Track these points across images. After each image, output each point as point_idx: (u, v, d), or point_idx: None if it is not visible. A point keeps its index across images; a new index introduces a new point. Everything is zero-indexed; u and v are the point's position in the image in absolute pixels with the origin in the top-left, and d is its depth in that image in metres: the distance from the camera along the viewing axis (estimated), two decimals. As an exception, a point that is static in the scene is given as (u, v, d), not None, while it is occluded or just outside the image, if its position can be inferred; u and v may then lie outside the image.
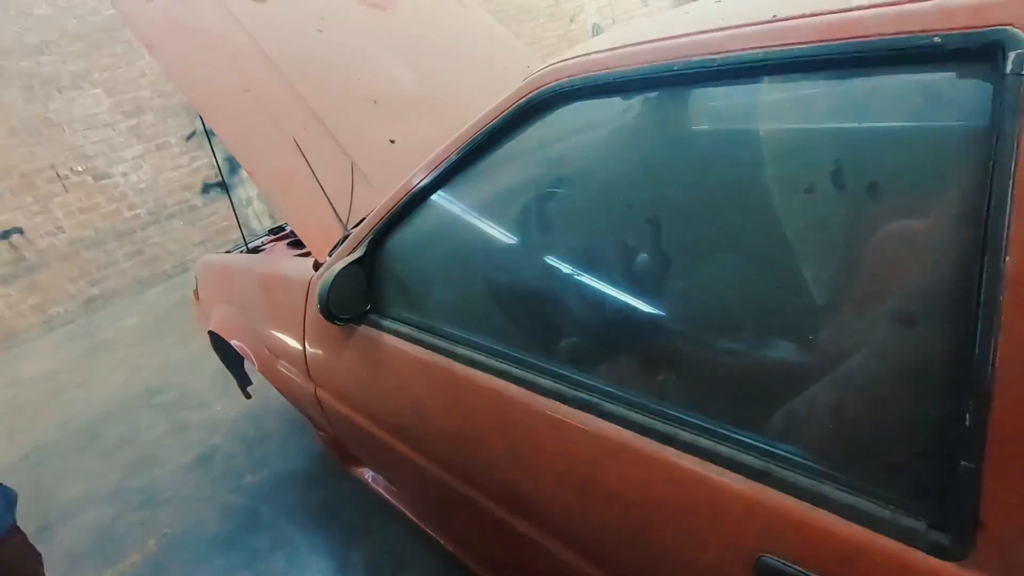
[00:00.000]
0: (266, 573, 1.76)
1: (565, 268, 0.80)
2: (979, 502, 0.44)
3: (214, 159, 5.30)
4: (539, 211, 0.86)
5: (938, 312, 0.48)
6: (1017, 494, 0.43)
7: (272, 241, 2.13)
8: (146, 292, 5.08)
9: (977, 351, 0.43)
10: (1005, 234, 0.42)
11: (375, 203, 1.38)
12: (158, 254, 5.29)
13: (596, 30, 9.01)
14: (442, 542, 1.24)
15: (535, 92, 0.75)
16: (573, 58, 0.73)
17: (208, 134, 5.38)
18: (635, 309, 0.74)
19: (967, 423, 0.44)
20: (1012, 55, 0.42)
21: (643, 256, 0.73)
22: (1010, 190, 0.41)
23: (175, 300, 4.70)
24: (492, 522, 0.90)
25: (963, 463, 0.44)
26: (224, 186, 5.57)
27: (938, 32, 0.46)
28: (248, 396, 2.17)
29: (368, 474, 1.48)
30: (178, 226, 5.37)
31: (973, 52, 0.45)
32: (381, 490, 1.45)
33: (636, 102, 0.68)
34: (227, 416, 2.72)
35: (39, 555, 1.14)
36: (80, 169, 4.79)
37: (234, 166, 5.58)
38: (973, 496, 0.44)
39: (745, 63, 0.56)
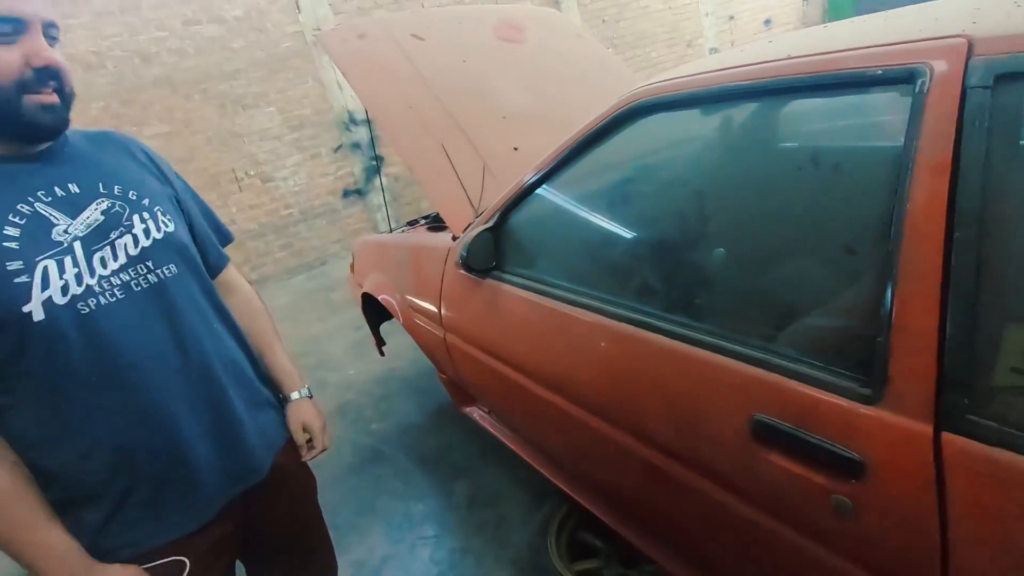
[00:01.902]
0: (387, 492, 2.18)
1: (638, 233, 1.11)
2: (887, 366, 0.69)
3: (375, 160, 6.08)
4: (622, 195, 1.18)
5: (868, 248, 0.73)
6: (911, 360, 0.67)
7: (411, 229, 2.60)
8: (292, 279, 5.95)
9: (887, 271, 0.69)
10: (906, 193, 0.67)
11: (500, 194, 1.76)
12: (304, 248, 6.16)
13: (714, 54, 9.05)
14: (539, 468, 1.56)
15: (626, 107, 1.07)
16: (655, 83, 1.04)
17: (353, 147, 6.21)
18: (676, 259, 1.03)
19: (881, 316, 0.69)
20: (919, 81, 0.68)
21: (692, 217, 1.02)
22: (911, 159, 0.67)
23: (315, 287, 5.48)
24: (580, 428, 1.20)
25: (878, 340, 0.70)
26: (361, 193, 6.39)
27: (881, 67, 0.73)
28: (382, 354, 2.63)
29: (477, 412, 1.84)
30: (322, 225, 6.23)
31: (901, 78, 0.71)
32: (487, 426, 1.80)
33: (702, 115, 0.98)
34: (358, 378, 3.24)
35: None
36: (252, 173, 5.76)
37: (370, 175, 6.38)
38: (884, 362, 0.69)
39: (765, 88, 0.84)
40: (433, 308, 1.68)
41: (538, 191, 1.28)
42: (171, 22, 5.16)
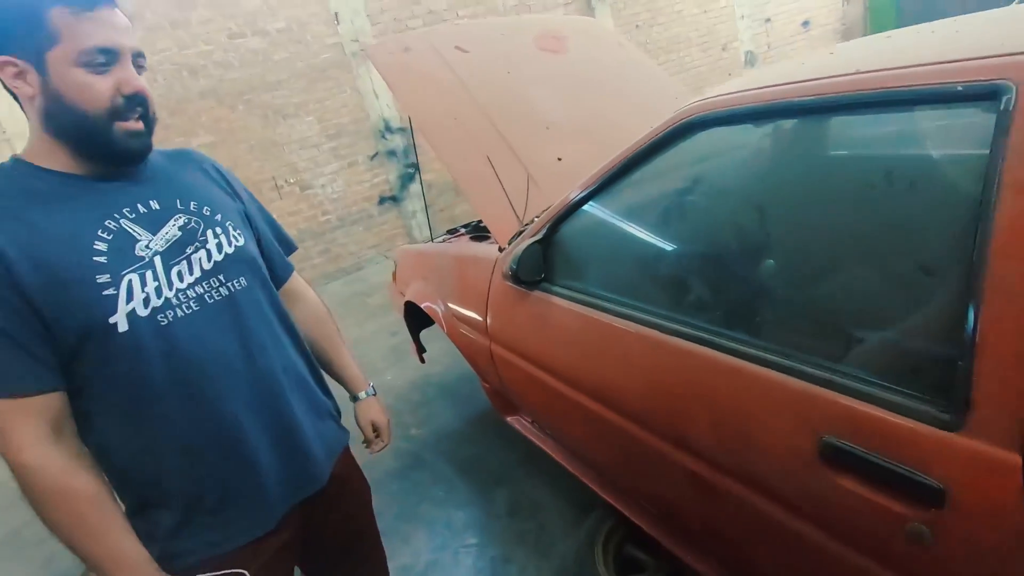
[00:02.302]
0: (428, 498, 2.20)
1: (691, 248, 1.10)
2: (971, 392, 0.67)
3: (414, 168, 6.17)
4: (677, 208, 1.17)
5: (947, 266, 0.71)
6: (997, 385, 0.65)
7: (451, 239, 2.64)
8: (330, 284, 6.07)
9: (971, 292, 0.66)
10: (992, 212, 0.65)
11: (544, 205, 1.77)
12: (340, 253, 6.29)
13: (749, 58, 8.91)
14: (582, 478, 1.55)
15: (682, 121, 1.06)
16: (713, 97, 1.04)
17: (389, 155, 6.31)
18: (736, 273, 1.01)
19: (964, 339, 0.67)
20: (1004, 98, 0.66)
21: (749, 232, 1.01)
22: (997, 176, 0.65)
23: (352, 292, 5.58)
24: (629, 441, 1.20)
25: (960, 364, 0.68)
26: (396, 200, 6.49)
27: (961, 83, 0.71)
28: (423, 361, 2.66)
29: (520, 422, 1.85)
30: (358, 231, 6.34)
31: (984, 95, 0.69)
32: (529, 435, 1.80)
33: (753, 131, 0.97)
34: (396, 383, 3.28)
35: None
36: (292, 181, 5.92)
37: (405, 183, 6.48)
38: (967, 387, 0.67)
39: (832, 103, 0.83)
40: (479, 318, 1.69)
41: (589, 204, 1.29)
42: (217, 36, 5.35)
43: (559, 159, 1.92)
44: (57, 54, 0.77)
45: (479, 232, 2.28)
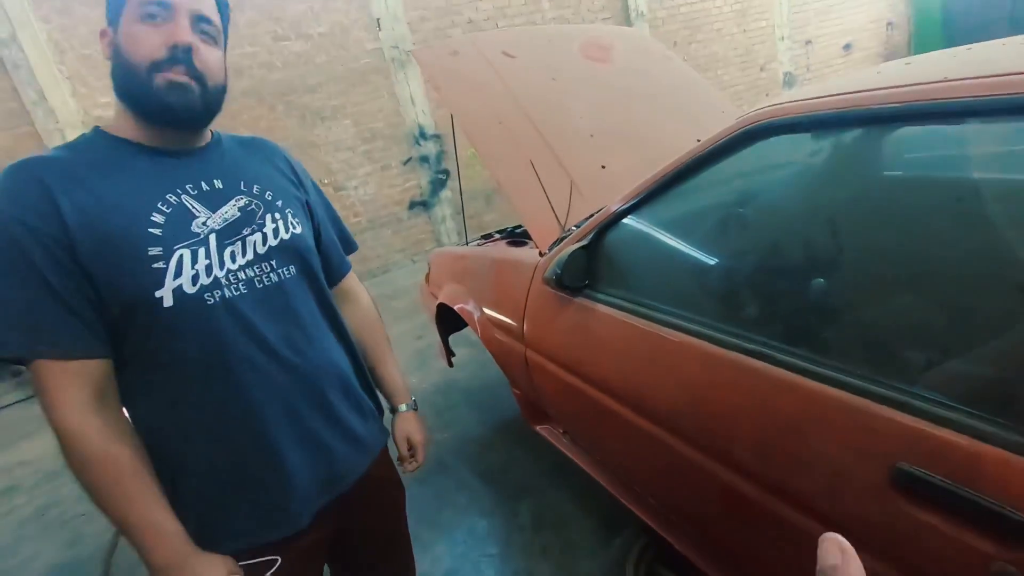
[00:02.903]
0: (451, 505, 2.16)
1: (754, 258, 1.06)
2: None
3: (445, 174, 6.21)
4: (734, 218, 1.13)
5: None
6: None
7: (487, 243, 2.62)
8: (356, 285, 6.13)
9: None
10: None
11: (586, 213, 1.74)
12: (368, 255, 6.34)
13: (788, 79, 8.80)
14: (614, 493, 1.51)
15: (747, 126, 1.03)
16: (783, 103, 1.00)
17: (421, 161, 6.36)
18: (802, 288, 0.97)
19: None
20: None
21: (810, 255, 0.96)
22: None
23: (378, 294, 5.60)
24: (664, 451, 1.15)
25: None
26: (426, 205, 6.53)
27: (1069, 92, 0.66)
28: (451, 364, 2.64)
29: (550, 431, 1.81)
30: (387, 234, 6.40)
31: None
32: (560, 445, 1.76)
33: (823, 140, 0.93)
34: (421, 386, 3.27)
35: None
36: (326, 182, 5.99)
37: (435, 189, 6.52)
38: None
39: (919, 111, 0.79)
40: (515, 323, 1.67)
41: (638, 212, 1.26)
42: (263, 38, 5.48)
43: (603, 167, 1.90)
44: (127, 12, 0.80)
45: (515, 238, 2.26)
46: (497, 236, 2.74)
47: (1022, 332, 0.69)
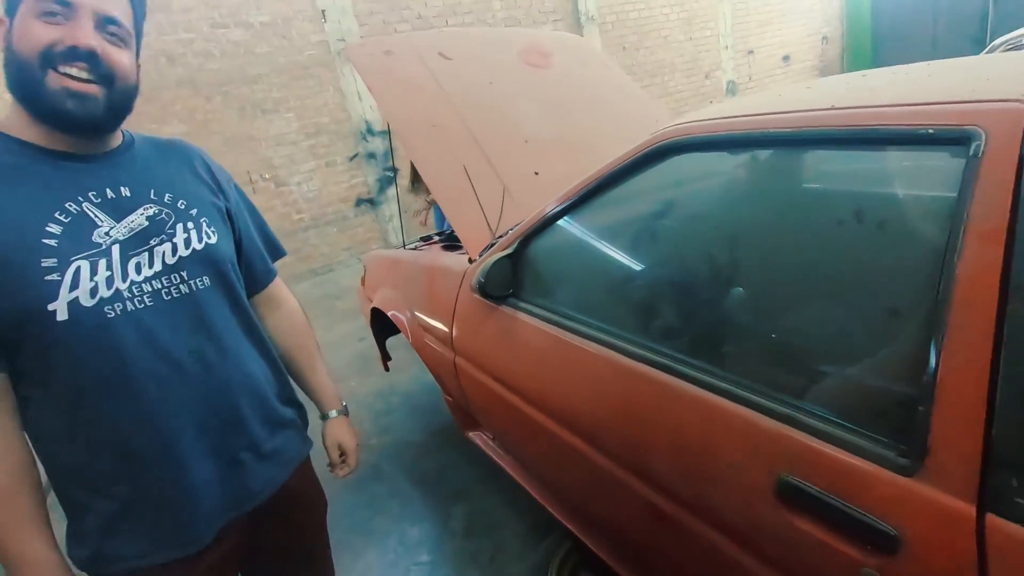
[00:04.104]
0: (383, 512, 2.13)
1: (658, 272, 1.09)
2: (928, 437, 0.66)
3: (392, 171, 6.10)
4: (648, 232, 1.16)
5: (911, 310, 0.71)
6: (954, 432, 0.64)
7: (425, 245, 2.59)
8: (299, 285, 5.93)
9: (933, 338, 0.66)
10: (956, 258, 0.65)
11: (518, 220, 1.74)
12: (312, 254, 6.17)
13: (731, 87, 9.12)
14: (541, 500, 1.52)
15: (657, 144, 1.05)
16: (689, 122, 1.03)
17: (368, 157, 6.24)
18: (704, 301, 1.00)
19: (924, 384, 0.66)
20: (973, 144, 0.66)
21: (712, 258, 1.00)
22: (963, 222, 0.65)
23: (322, 294, 5.46)
24: (582, 460, 1.17)
25: (920, 409, 0.67)
26: (373, 203, 6.41)
27: (932, 126, 0.71)
28: (387, 369, 2.60)
29: (481, 438, 1.81)
30: (331, 232, 6.24)
31: (954, 139, 0.69)
32: (490, 452, 1.76)
33: (729, 158, 0.96)
34: (360, 391, 3.20)
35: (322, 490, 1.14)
36: (267, 177, 5.79)
37: (383, 186, 6.41)
38: (925, 433, 0.66)
39: (805, 137, 0.82)
40: (444, 329, 1.65)
41: (561, 221, 1.27)
42: (199, 24, 5.23)
43: (536, 173, 1.91)
44: (24, 6, 0.75)
45: (452, 242, 2.25)
46: (436, 239, 2.72)
47: (891, 353, 0.74)
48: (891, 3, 9.85)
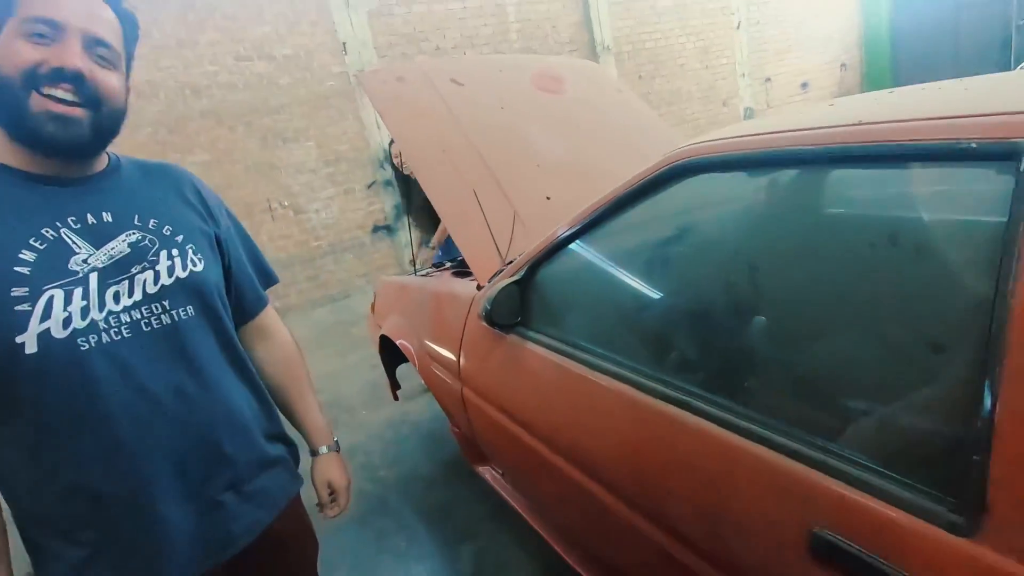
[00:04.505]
0: (389, 549, 2.04)
1: (674, 300, 1.02)
2: (986, 491, 0.57)
3: (406, 198, 6.14)
4: (662, 257, 1.09)
5: (961, 345, 0.63)
6: (1017, 484, 0.56)
7: (437, 271, 2.55)
8: (315, 311, 5.94)
9: (986, 376, 0.58)
10: (1010, 286, 0.57)
11: (529, 245, 1.69)
12: (329, 280, 6.19)
13: (748, 114, 9.09)
14: (552, 543, 1.43)
15: (671, 164, 0.99)
16: (705, 141, 0.97)
17: (386, 185, 6.30)
18: (725, 332, 0.93)
19: (978, 428, 0.58)
20: (1024, 159, 0.59)
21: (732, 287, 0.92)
22: (1017, 246, 0.57)
23: (337, 320, 5.46)
24: (601, 509, 1.09)
25: (974, 458, 0.58)
26: (390, 229, 6.44)
27: (974, 140, 0.64)
28: (396, 398, 2.54)
29: (490, 473, 1.72)
30: (348, 259, 6.27)
31: (1001, 154, 0.62)
32: (499, 489, 1.67)
33: (746, 179, 0.90)
34: (370, 419, 3.14)
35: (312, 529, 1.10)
36: (286, 204, 5.87)
37: (399, 213, 6.44)
38: (982, 486, 0.58)
39: (832, 154, 0.76)
40: (452, 358, 1.59)
41: (571, 247, 1.21)
42: (224, 58, 5.39)
43: (548, 198, 1.86)
44: (10, 25, 0.72)
45: (464, 268, 2.20)
46: (449, 265, 2.68)
47: (939, 392, 0.66)
48: (911, 30, 9.80)
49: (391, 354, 2.29)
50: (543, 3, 6.99)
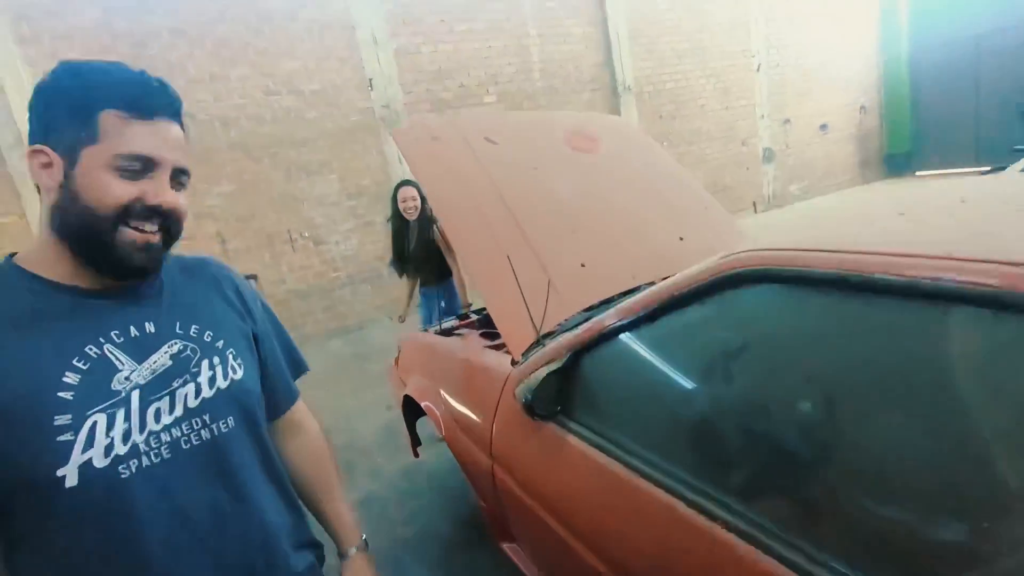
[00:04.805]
0: (406, 620, 1.97)
1: (727, 413, 0.97)
2: None
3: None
4: (718, 365, 1.04)
5: None
6: None
7: (461, 325, 2.52)
8: (331, 341, 5.94)
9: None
10: None
11: (563, 315, 1.66)
12: (346, 311, 6.20)
13: (767, 154, 9.10)
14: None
15: (730, 271, 0.95)
16: (764, 250, 0.93)
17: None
18: (798, 462, 0.87)
19: None
20: None
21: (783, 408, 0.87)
22: None
23: (352, 353, 5.43)
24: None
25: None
26: (408, 261, 6.46)
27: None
28: (417, 455, 2.49)
29: (518, 553, 1.66)
30: (365, 290, 6.28)
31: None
32: (525, 569, 1.60)
33: (816, 300, 0.86)
34: (386, 467, 3.08)
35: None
36: (307, 235, 5.92)
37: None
38: None
39: (911, 289, 0.72)
40: (483, 434, 1.54)
41: (620, 338, 1.17)
42: (254, 91, 5.50)
43: (583, 265, 1.83)
44: (92, 152, 0.70)
45: (488, 329, 2.17)
46: (473, 316, 2.65)
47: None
48: (931, 73, 9.82)
49: (412, 408, 2.25)
50: (566, 44, 7.11)
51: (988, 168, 3.91)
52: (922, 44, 9.87)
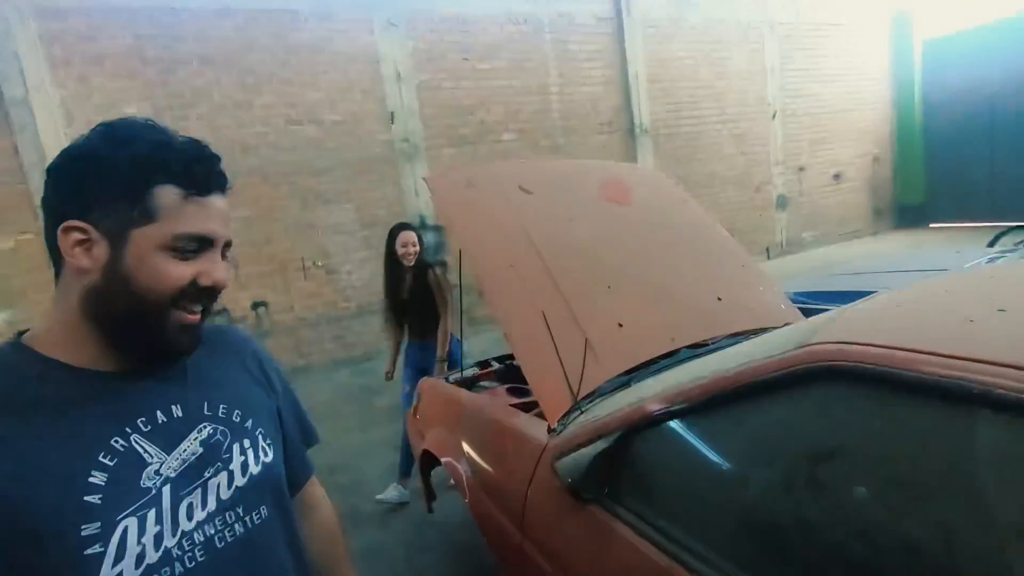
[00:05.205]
0: None
1: (794, 523, 0.89)
2: None
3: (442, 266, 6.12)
4: (799, 470, 0.95)
5: None
6: None
7: (482, 374, 2.44)
8: (337, 371, 5.84)
9: None
10: None
11: (599, 378, 1.58)
12: (354, 342, 6.12)
13: (781, 201, 9.11)
14: None
15: (810, 364, 0.88)
16: (850, 343, 0.86)
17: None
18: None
19: None
20: None
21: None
22: None
23: (359, 386, 5.33)
24: None
25: None
26: (419, 294, 6.41)
27: None
28: (431, 510, 2.38)
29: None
30: (375, 321, 6.19)
31: None
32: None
33: (917, 409, 0.78)
34: (394, 519, 2.95)
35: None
36: (320, 264, 5.89)
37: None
38: None
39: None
40: (514, 506, 1.45)
41: (676, 422, 1.09)
42: (276, 120, 5.55)
43: (620, 325, 1.76)
44: (147, 232, 0.64)
45: (514, 379, 2.09)
46: (495, 364, 2.57)
47: None
48: (944, 124, 9.88)
49: (429, 459, 2.15)
50: (586, 85, 7.20)
51: (1012, 225, 3.85)
52: (935, 97, 9.97)
